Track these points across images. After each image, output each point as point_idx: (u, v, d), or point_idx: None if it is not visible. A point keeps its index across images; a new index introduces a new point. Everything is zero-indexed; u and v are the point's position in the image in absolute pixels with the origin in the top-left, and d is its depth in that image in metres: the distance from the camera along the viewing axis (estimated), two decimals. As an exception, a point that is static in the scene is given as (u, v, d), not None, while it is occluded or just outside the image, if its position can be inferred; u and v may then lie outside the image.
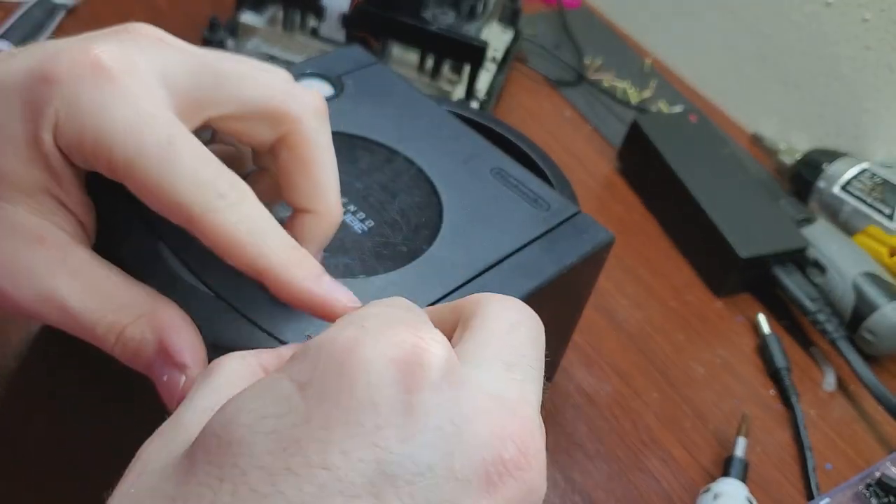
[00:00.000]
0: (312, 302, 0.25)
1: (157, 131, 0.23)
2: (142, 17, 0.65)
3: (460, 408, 0.19)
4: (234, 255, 0.24)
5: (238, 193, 0.24)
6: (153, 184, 0.23)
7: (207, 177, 0.24)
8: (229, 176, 0.24)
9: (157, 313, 0.25)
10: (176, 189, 0.23)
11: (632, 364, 0.48)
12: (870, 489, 0.40)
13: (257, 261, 0.24)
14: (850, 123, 0.67)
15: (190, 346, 0.25)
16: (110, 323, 0.25)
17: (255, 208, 0.25)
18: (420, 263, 0.33)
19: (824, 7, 0.66)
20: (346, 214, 0.34)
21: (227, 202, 0.24)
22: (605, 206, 0.59)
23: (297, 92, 0.28)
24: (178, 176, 0.23)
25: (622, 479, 0.41)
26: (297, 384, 0.18)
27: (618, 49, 0.78)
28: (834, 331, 0.50)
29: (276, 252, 0.24)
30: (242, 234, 0.24)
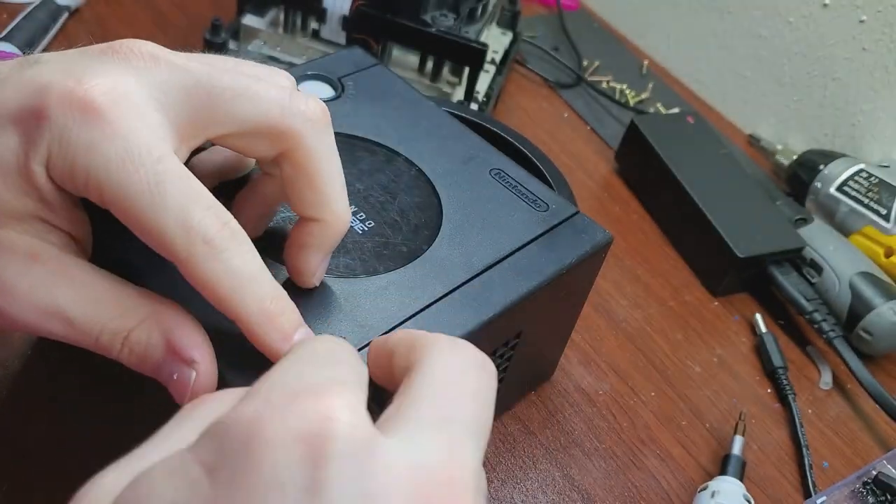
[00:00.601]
0: (272, 357, 0.25)
1: (146, 171, 0.23)
2: (144, 19, 0.66)
3: (373, 481, 0.17)
4: (213, 300, 0.24)
5: (224, 240, 0.24)
6: (142, 224, 0.23)
7: (194, 220, 0.23)
8: (217, 218, 0.24)
9: (160, 314, 0.25)
10: (163, 231, 0.23)
11: (630, 363, 0.48)
12: (866, 487, 0.41)
13: (234, 311, 0.24)
14: (846, 124, 0.67)
15: (197, 342, 0.25)
16: (114, 329, 0.25)
17: (239, 257, 0.24)
18: (420, 263, 0.33)
19: (821, 8, 0.66)
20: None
21: (212, 250, 0.24)
22: (603, 207, 0.60)
23: (296, 104, 0.27)
24: (165, 219, 0.23)
25: (620, 477, 0.42)
26: (205, 467, 0.18)
27: (616, 51, 0.78)
28: (830, 330, 0.50)
29: (253, 308, 0.24)
30: (223, 286, 0.24)
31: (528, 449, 0.42)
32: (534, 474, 0.41)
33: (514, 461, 0.41)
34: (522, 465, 0.41)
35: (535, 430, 0.43)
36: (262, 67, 0.28)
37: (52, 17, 0.58)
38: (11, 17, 0.56)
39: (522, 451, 0.41)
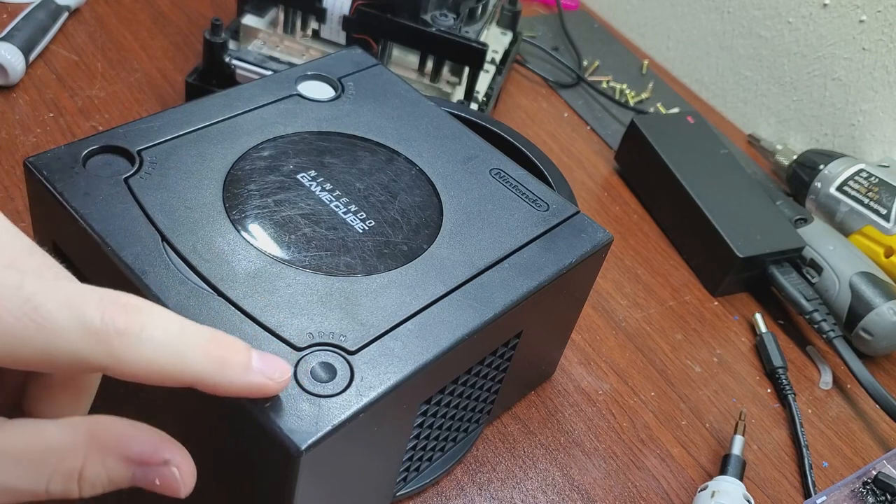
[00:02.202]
0: (250, 394, 0.24)
1: (8, 306, 0.20)
2: (144, 19, 0.66)
3: None
4: (161, 382, 0.22)
5: (133, 320, 0.21)
6: (47, 358, 0.20)
7: (94, 320, 0.21)
8: (113, 304, 0.21)
9: (99, 435, 0.22)
10: (67, 353, 0.20)
11: (630, 363, 0.48)
12: (866, 487, 0.41)
13: (187, 379, 0.23)
14: (846, 124, 0.67)
15: (157, 440, 0.23)
16: (63, 476, 0.22)
17: (160, 327, 0.22)
18: (421, 262, 0.33)
19: (821, 9, 0.66)
20: (346, 214, 0.34)
21: (129, 339, 0.21)
22: (603, 207, 0.60)
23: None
24: (61, 339, 0.20)
25: (620, 476, 0.42)
26: None
27: (616, 51, 0.78)
28: (830, 330, 0.50)
29: (202, 363, 0.23)
30: (163, 363, 0.22)
31: (528, 449, 0.42)
32: (534, 474, 0.41)
33: (514, 461, 0.41)
34: (522, 465, 0.41)
35: (535, 430, 0.43)
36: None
37: (52, 17, 0.58)
38: (11, 17, 0.56)
39: (522, 451, 0.41)
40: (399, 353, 0.29)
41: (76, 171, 0.32)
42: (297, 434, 0.26)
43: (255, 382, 0.24)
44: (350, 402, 0.27)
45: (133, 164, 0.34)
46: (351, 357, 0.29)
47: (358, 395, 0.27)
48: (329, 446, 0.26)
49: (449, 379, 0.33)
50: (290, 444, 0.25)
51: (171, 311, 0.23)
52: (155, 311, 0.22)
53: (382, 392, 0.28)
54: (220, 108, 0.38)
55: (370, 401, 0.27)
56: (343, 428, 0.27)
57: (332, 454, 0.28)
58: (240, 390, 0.24)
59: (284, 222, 0.33)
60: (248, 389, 0.24)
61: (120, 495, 0.24)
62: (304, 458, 0.26)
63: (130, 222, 0.31)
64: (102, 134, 0.35)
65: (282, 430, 0.26)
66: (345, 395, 0.27)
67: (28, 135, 0.50)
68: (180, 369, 0.22)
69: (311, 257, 0.32)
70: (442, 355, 0.30)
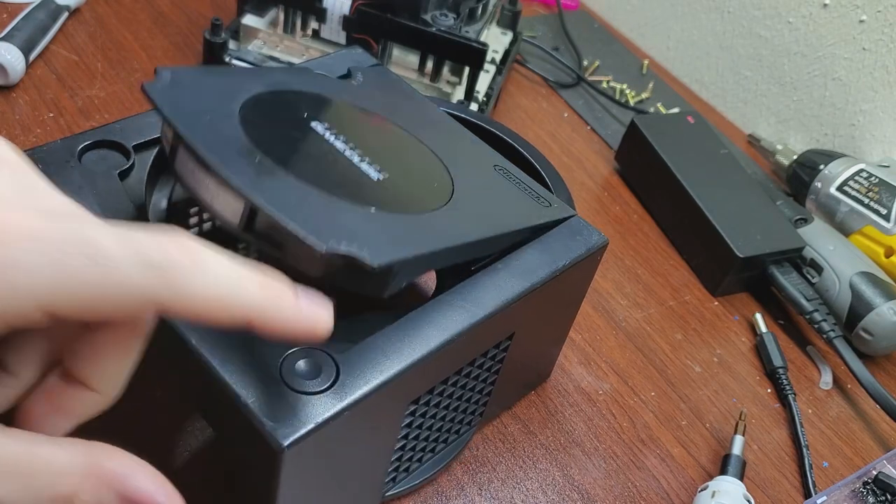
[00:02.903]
0: (299, 332, 0.24)
1: (69, 247, 0.20)
2: (144, 19, 0.66)
3: None
4: (218, 316, 0.22)
5: (190, 252, 0.21)
6: (102, 300, 0.20)
7: (154, 254, 0.21)
8: (169, 240, 0.21)
9: (103, 465, 0.22)
10: (125, 288, 0.20)
11: (630, 363, 0.48)
12: (866, 487, 0.41)
13: (244, 310, 0.22)
14: (846, 124, 0.67)
15: (158, 484, 0.22)
16: (50, 501, 0.21)
17: (215, 260, 0.22)
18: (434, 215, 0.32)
19: (821, 9, 0.66)
20: (361, 163, 0.33)
21: (189, 270, 0.21)
22: (603, 207, 0.60)
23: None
24: (117, 273, 0.20)
25: (620, 476, 0.42)
26: None
27: (616, 51, 0.78)
28: (830, 330, 0.50)
29: (259, 295, 0.23)
30: (222, 294, 0.22)
31: (528, 449, 0.42)
32: (534, 474, 0.41)
33: (514, 461, 0.41)
34: (522, 465, 0.41)
35: (535, 430, 0.43)
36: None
37: (52, 16, 0.58)
38: (11, 17, 0.56)
39: (522, 451, 0.41)
40: (386, 352, 0.29)
41: (71, 164, 0.32)
42: (281, 430, 0.26)
43: (306, 323, 0.24)
44: (335, 400, 0.27)
45: (128, 159, 0.34)
46: (337, 355, 0.29)
47: (343, 394, 0.27)
48: (313, 443, 0.27)
49: (438, 379, 0.33)
50: (273, 440, 0.26)
51: (224, 249, 0.23)
52: (208, 249, 0.22)
53: (368, 391, 0.28)
54: None
55: (355, 399, 0.27)
56: (327, 426, 0.27)
57: (316, 451, 0.28)
58: (293, 327, 0.23)
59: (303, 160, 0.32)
60: (299, 327, 0.24)
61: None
62: (286, 454, 0.26)
63: (123, 217, 0.31)
64: (98, 129, 0.35)
65: (265, 426, 0.26)
66: (330, 392, 0.27)
67: (28, 135, 0.50)
68: (237, 301, 0.22)
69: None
70: (430, 356, 0.30)
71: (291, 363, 0.28)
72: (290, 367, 0.28)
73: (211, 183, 0.27)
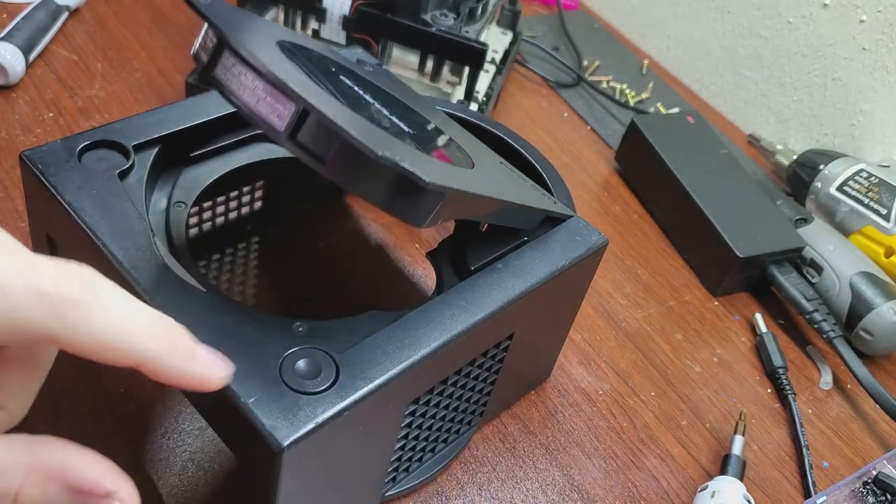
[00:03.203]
0: (190, 383, 0.24)
1: None
2: (144, 19, 0.66)
3: None
4: (107, 359, 0.22)
5: (88, 292, 0.21)
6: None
7: (48, 286, 0.20)
8: (68, 274, 0.21)
9: (43, 458, 0.22)
10: (18, 319, 0.20)
11: (630, 363, 0.48)
12: (866, 487, 0.41)
13: (133, 358, 0.22)
14: (846, 124, 0.67)
15: (101, 471, 0.22)
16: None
17: (113, 303, 0.22)
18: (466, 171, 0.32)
19: (821, 9, 0.66)
20: (391, 116, 0.33)
21: (83, 311, 0.21)
22: (603, 207, 0.60)
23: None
24: (13, 304, 0.20)
25: (620, 476, 0.42)
26: None
27: (616, 51, 0.78)
28: (830, 330, 0.50)
29: (150, 344, 0.22)
30: (112, 339, 0.21)
31: (528, 449, 0.42)
32: (534, 474, 0.41)
33: (514, 461, 0.41)
34: (522, 465, 0.41)
35: (535, 429, 0.43)
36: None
37: (52, 16, 0.58)
38: (11, 17, 0.56)
39: (522, 451, 0.41)
40: (386, 351, 0.29)
41: (71, 164, 0.32)
42: (280, 430, 0.26)
43: (198, 373, 0.24)
44: (335, 400, 0.27)
45: (128, 158, 0.34)
46: (337, 355, 0.29)
47: (343, 394, 0.27)
48: (312, 443, 0.26)
49: (437, 379, 0.33)
50: (273, 440, 0.25)
51: (125, 291, 0.22)
52: (109, 286, 0.22)
53: (368, 391, 0.28)
54: (218, 105, 0.38)
55: (355, 399, 0.27)
56: (326, 426, 0.27)
57: (315, 451, 0.27)
58: (182, 377, 0.23)
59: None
60: (191, 378, 0.24)
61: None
62: (286, 454, 0.26)
63: (122, 217, 0.31)
64: (98, 129, 0.35)
65: (264, 426, 0.26)
66: (329, 392, 0.27)
67: (28, 135, 0.50)
68: (129, 346, 0.22)
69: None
70: (430, 355, 0.30)
71: (291, 363, 0.28)
72: (290, 366, 0.28)
73: (259, 86, 0.26)
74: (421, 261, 0.49)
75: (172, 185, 0.36)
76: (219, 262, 0.45)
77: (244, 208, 0.45)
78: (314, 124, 0.26)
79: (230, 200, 0.43)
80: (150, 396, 0.38)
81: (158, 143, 0.35)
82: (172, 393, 0.38)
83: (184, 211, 0.35)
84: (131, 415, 0.37)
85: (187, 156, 0.37)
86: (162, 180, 0.36)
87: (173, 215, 0.35)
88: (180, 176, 0.37)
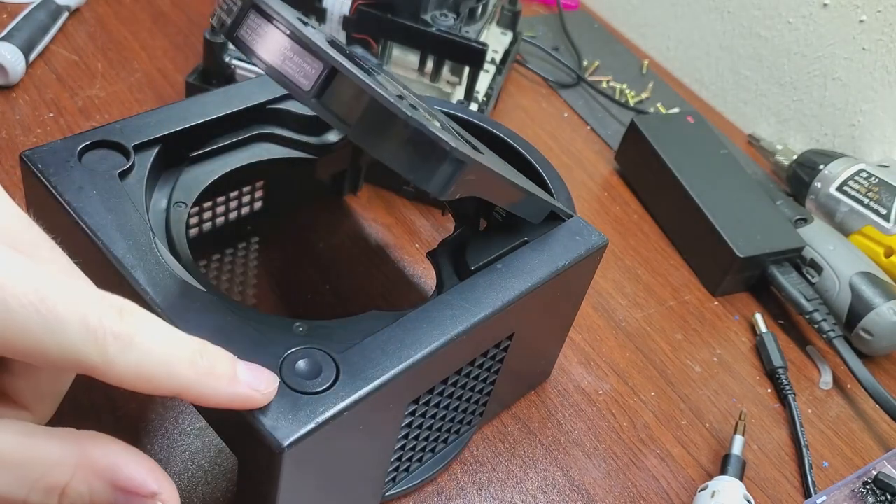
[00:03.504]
0: (234, 405, 0.25)
1: (18, 294, 0.20)
2: (144, 19, 0.66)
3: None
4: (147, 390, 0.22)
5: (127, 325, 0.21)
6: (36, 349, 0.20)
7: (93, 320, 0.21)
8: (111, 307, 0.21)
9: (92, 454, 0.22)
10: (64, 348, 0.20)
11: (630, 363, 0.48)
12: (866, 487, 0.41)
13: (172, 387, 0.23)
14: (846, 124, 0.67)
15: (147, 471, 0.23)
16: (45, 488, 0.21)
17: (149, 335, 0.22)
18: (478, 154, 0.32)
19: (821, 9, 0.66)
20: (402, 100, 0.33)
21: (122, 344, 0.21)
22: (603, 207, 0.60)
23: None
24: (62, 333, 0.20)
25: (620, 476, 0.42)
26: None
27: (616, 51, 0.78)
28: (830, 330, 0.50)
29: (188, 373, 0.23)
30: (150, 371, 0.22)
31: (528, 449, 0.42)
32: (534, 474, 0.41)
33: (514, 461, 0.41)
34: (522, 465, 0.41)
35: (535, 430, 0.43)
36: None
37: (52, 17, 0.58)
38: (11, 17, 0.56)
39: (522, 451, 0.41)
40: (386, 351, 0.29)
41: (71, 165, 0.32)
42: (280, 430, 0.26)
43: (241, 394, 0.24)
44: (335, 400, 0.27)
45: (128, 159, 0.34)
46: (337, 355, 0.29)
47: (343, 394, 0.27)
48: (312, 444, 0.27)
49: (437, 379, 0.33)
50: (273, 440, 0.25)
51: (163, 321, 0.23)
52: (147, 319, 0.22)
53: (368, 391, 0.28)
54: (217, 105, 0.38)
55: (355, 399, 0.27)
56: (327, 426, 0.27)
57: (315, 451, 0.27)
58: (225, 401, 0.24)
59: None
60: (234, 401, 0.24)
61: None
62: (286, 454, 0.26)
63: (123, 217, 0.31)
64: (99, 129, 0.35)
65: (265, 426, 0.26)
66: (329, 392, 0.27)
67: (28, 135, 0.50)
68: (166, 378, 0.22)
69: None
70: (430, 355, 0.30)
71: (291, 363, 0.28)
72: (291, 366, 0.28)
73: (286, 45, 0.26)
74: (421, 261, 0.49)
75: (172, 186, 0.36)
76: (219, 263, 0.45)
77: (244, 208, 0.45)
78: (342, 85, 0.26)
79: (230, 200, 0.44)
80: (150, 396, 0.38)
81: (159, 143, 0.35)
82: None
83: (184, 211, 0.35)
84: (131, 415, 0.37)
85: (187, 156, 0.37)
86: (162, 180, 0.36)
87: (173, 215, 0.35)
88: (180, 176, 0.37)
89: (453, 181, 0.28)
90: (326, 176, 0.47)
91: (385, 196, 0.53)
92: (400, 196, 0.54)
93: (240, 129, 0.39)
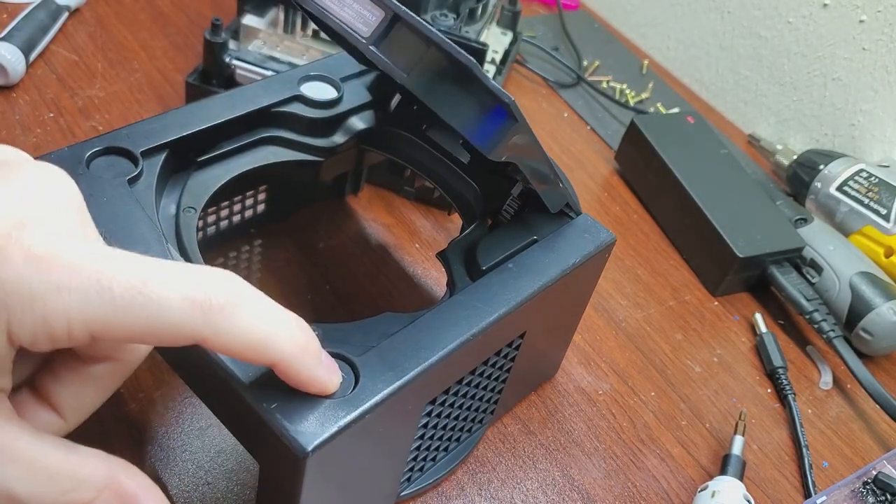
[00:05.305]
0: (312, 385, 0.26)
1: (119, 279, 0.21)
2: (144, 19, 0.66)
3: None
4: (250, 358, 0.24)
5: (233, 294, 0.23)
6: (152, 328, 0.22)
7: (198, 293, 0.22)
8: (216, 281, 0.23)
9: (120, 480, 0.24)
10: (171, 324, 0.22)
11: (630, 363, 0.48)
12: (866, 487, 0.41)
13: (273, 358, 0.24)
14: (846, 124, 0.67)
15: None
16: (69, 503, 0.23)
17: (254, 307, 0.23)
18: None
19: (821, 9, 0.66)
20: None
21: (228, 314, 0.23)
22: (603, 207, 0.60)
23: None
24: (168, 310, 0.22)
25: (620, 476, 0.42)
26: None
27: (616, 51, 0.78)
28: (830, 330, 0.50)
29: (287, 345, 0.24)
30: (255, 340, 0.23)
31: (528, 449, 0.42)
32: (534, 474, 0.41)
33: (514, 461, 0.41)
34: (522, 465, 0.41)
35: (535, 430, 0.43)
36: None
37: (52, 17, 0.58)
38: (11, 17, 0.56)
39: (522, 451, 0.42)
40: (404, 353, 0.29)
41: (79, 172, 0.32)
42: (304, 435, 0.26)
43: (321, 377, 0.26)
44: (356, 404, 0.27)
45: (136, 165, 0.34)
46: (356, 358, 0.29)
47: (363, 397, 0.27)
48: (335, 448, 0.27)
49: (453, 380, 0.33)
50: (297, 445, 0.25)
51: (266, 296, 0.24)
52: (252, 292, 0.24)
53: (387, 394, 0.28)
54: (223, 109, 0.38)
55: (375, 402, 0.28)
56: (349, 429, 0.27)
57: (337, 455, 0.28)
58: (309, 379, 0.25)
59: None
60: (315, 382, 0.26)
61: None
62: (310, 459, 0.26)
63: (135, 224, 0.31)
64: (105, 135, 0.34)
65: (288, 431, 0.26)
66: (350, 396, 0.27)
67: (28, 135, 0.50)
68: (269, 347, 0.24)
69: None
70: (447, 356, 0.30)
71: None
72: None
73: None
74: (421, 261, 0.50)
75: (181, 191, 0.36)
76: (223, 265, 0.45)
77: (248, 211, 0.45)
78: (403, 32, 0.26)
79: (234, 204, 0.44)
80: (151, 396, 0.38)
81: (166, 149, 0.35)
82: (172, 393, 0.38)
83: (194, 216, 0.35)
84: (131, 415, 0.37)
85: (195, 160, 0.37)
86: (170, 186, 0.36)
87: (183, 221, 0.35)
88: (188, 181, 0.36)
89: (504, 139, 0.28)
90: (330, 178, 0.47)
91: (385, 196, 0.53)
92: (400, 196, 0.54)
93: (246, 133, 0.39)
